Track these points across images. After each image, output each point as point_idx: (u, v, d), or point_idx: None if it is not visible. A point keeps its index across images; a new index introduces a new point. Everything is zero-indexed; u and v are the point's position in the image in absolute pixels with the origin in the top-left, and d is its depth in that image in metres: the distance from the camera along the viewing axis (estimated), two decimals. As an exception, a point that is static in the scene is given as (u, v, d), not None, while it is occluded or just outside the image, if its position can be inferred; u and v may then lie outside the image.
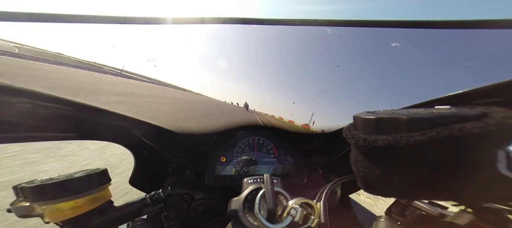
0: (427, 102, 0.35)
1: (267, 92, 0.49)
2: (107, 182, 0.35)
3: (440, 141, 0.17)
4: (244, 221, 0.30)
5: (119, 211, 0.35)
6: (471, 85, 0.30)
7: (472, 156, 0.18)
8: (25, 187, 0.28)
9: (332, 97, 0.46)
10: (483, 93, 0.30)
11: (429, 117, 0.19)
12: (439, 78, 0.39)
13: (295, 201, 0.30)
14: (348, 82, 0.46)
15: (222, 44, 0.47)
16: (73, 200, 0.30)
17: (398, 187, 0.23)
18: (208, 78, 0.47)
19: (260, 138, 0.54)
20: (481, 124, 0.17)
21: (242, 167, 0.51)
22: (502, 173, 0.18)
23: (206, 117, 0.52)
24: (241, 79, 0.48)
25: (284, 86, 0.49)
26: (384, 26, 0.40)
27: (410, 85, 0.41)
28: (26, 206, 0.29)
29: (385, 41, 0.43)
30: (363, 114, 0.23)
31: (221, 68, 0.47)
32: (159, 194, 0.39)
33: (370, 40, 0.44)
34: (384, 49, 0.44)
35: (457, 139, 0.17)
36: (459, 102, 0.32)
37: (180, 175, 0.54)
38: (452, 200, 0.36)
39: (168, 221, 0.40)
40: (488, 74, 0.31)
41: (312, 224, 0.30)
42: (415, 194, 0.23)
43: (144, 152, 0.55)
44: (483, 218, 0.32)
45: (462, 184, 0.19)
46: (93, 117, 0.42)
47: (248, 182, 0.35)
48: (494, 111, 0.18)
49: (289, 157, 0.53)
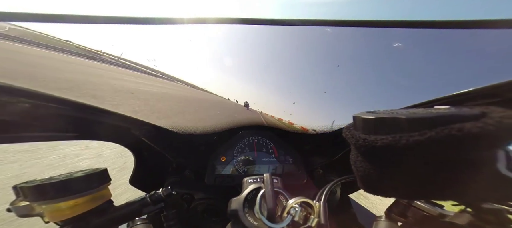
0: (426, 102, 0.35)
1: (267, 92, 0.49)
2: (107, 181, 0.35)
3: (439, 141, 0.18)
4: (244, 221, 0.30)
5: (119, 210, 0.35)
6: (471, 85, 0.30)
7: (471, 156, 0.18)
8: (25, 186, 0.28)
9: (332, 97, 0.46)
10: (482, 93, 0.30)
11: (428, 117, 0.19)
12: (438, 78, 0.39)
13: (295, 200, 0.30)
14: (348, 82, 0.47)
15: (224, 43, 0.47)
16: (73, 199, 0.30)
17: (398, 187, 0.23)
18: (213, 76, 0.47)
19: (260, 138, 0.54)
20: (480, 124, 0.17)
21: (242, 166, 0.51)
22: (502, 173, 0.18)
23: (207, 116, 0.52)
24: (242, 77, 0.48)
25: (284, 86, 0.49)
26: (384, 26, 0.40)
27: (409, 85, 0.41)
28: (26, 206, 0.29)
29: (384, 41, 0.43)
30: (363, 114, 0.24)
31: (225, 66, 0.47)
32: (159, 193, 0.39)
33: (370, 40, 0.44)
34: (384, 49, 0.44)
35: (456, 139, 0.17)
36: (458, 102, 0.32)
37: (180, 175, 0.54)
38: (452, 200, 0.36)
39: (168, 221, 0.40)
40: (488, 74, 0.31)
41: (312, 224, 0.30)
42: (415, 194, 0.23)
43: (144, 152, 0.56)
44: (482, 218, 0.32)
45: (462, 184, 0.19)
46: (93, 117, 0.42)
47: (248, 181, 0.35)
48: (493, 111, 0.18)
49: (289, 157, 0.53)
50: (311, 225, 0.30)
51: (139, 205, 0.37)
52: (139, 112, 0.44)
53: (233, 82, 0.47)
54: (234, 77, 0.47)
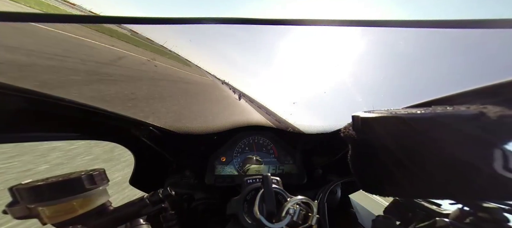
0: (425, 102, 0.35)
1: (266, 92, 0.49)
2: (105, 182, 0.35)
3: (438, 140, 0.18)
4: (244, 221, 0.30)
5: (118, 212, 0.35)
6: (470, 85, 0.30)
7: (470, 155, 0.18)
8: (22, 188, 0.28)
9: (332, 97, 0.46)
10: (481, 93, 0.30)
11: (427, 117, 0.19)
12: (438, 78, 0.39)
13: (295, 200, 0.30)
14: (348, 82, 0.47)
15: (227, 43, 0.46)
16: (71, 201, 0.29)
17: (397, 186, 0.23)
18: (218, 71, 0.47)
19: (260, 138, 0.54)
20: (478, 124, 0.17)
21: (242, 167, 0.51)
22: (499, 172, 0.18)
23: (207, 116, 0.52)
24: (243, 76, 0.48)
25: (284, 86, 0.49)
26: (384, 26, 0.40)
27: (409, 85, 0.41)
28: (23, 207, 0.29)
29: (384, 41, 0.43)
30: (362, 113, 0.24)
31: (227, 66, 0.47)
32: (158, 194, 0.39)
33: (370, 40, 0.44)
34: (383, 49, 0.44)
35: (454, 139, 0.17)
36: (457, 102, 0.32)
37: (180, 175, 0.54)
38: (450, 199, 0.36)
39: (167, 221, 0.40)
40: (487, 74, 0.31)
41: (312, 223, 0.30)
42: (413, 193, 0.24)
43: (144, 152, 0.55)
44: (480, 217, 0.32)
45: (460, 183, 0.20)
46: (94, 118, 0.42)
47: (247, 182, 0.35)
48: (490, 110, 0.18)
49: (289, 157, 0.53)
50: (310, 224, 0.30)
51: (138, 206, 0.37)
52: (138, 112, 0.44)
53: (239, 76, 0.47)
54: (240, 73, 0.47)
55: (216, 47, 0.47)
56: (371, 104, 0.44)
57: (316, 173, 0.54)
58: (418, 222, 0.38)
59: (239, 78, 0.52)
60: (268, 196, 0.30)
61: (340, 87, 0.46)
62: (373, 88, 0.45)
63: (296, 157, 0.53)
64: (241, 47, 0.47)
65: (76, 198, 0.30)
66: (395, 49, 0.42)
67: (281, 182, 0.35)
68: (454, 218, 0.35)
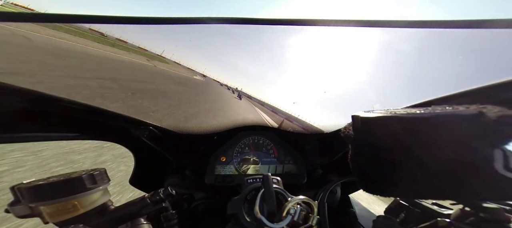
0: (425, 102, 0.35)
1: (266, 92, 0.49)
2: (106, 182, 0.35)
3: (437, 140, 0.18)
4: (244, 221, 0.30)
5: (119, 211, 0.35)
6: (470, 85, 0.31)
7: (469, 155, 0.18)
8: (23, 187, 0.28)
9: (332, 97, 0.46)
10: (481, 93, 0.30)
11: (426, 117, 0.19)
12: (438, 78, 0.39)
13: (295, 200, 0.30)
14: (348, 82, 0.47)
15: (227, 43, 0.47)
16: (72, 200, 0.29)
17: (397, 186, 0.23)
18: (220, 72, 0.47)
19: (260, 138, 0.54)
20: (477, 123, 0.17)
21: (242, 166, 0.51)
22: (500, 172, 0.18)
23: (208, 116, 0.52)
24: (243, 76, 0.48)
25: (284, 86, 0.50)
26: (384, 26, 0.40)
27: (409, 85, 0.41)
28: (25, 207, 0.29)
29: (384, 41, 0.43)
30: (361, 113, 0.24)
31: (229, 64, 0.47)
32: (159, 194, 0.39)
33: (369, 40, 0.44)
34: (383, 49, 0.44)
35: (454, 139, 0.17)
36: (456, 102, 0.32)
37: (180, 175, 0.54)
38: (450, 199, 0.36)
39: (168, 221, 0.40)
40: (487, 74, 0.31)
41: (312, 223, 0.30)
42: (414, 193, 0.24)
43: (144, 152, 0.55)
44: (482, 217, 0.32)
45: (460, 183, 0.20)
46: (94, 117, 0.42)
47: (248, 181, 0.35)
48: (490, 110, 0.18)
49: (289, 157, 0.53)
50: (311, 224, 0.30)
51: (139, 206, 0.37)
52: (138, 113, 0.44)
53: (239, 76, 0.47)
54: (240, 72, 0.47)
55: (216, 47, 0.47)
56: (371, 104, 0.45)
57: (316, 173, 0.54)
58: (419, 223, 0.38)
59: (239, 78, 0.53)
60: (269, 196, 0.30)
61: (340, 87, 0.46)
62: (373, 88, 0.45)
63: (296, 157, 0.53)
64: (241, 47, 0.47)
65: (77, 197, 0.30)
66: (395, 49, 0.42)
67: (281, 182, 0.35)
68: (456, 219, 0.35)
